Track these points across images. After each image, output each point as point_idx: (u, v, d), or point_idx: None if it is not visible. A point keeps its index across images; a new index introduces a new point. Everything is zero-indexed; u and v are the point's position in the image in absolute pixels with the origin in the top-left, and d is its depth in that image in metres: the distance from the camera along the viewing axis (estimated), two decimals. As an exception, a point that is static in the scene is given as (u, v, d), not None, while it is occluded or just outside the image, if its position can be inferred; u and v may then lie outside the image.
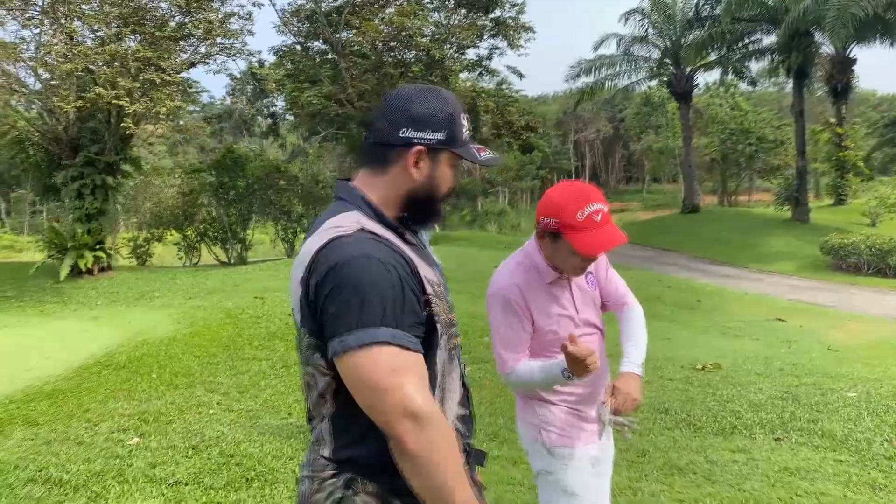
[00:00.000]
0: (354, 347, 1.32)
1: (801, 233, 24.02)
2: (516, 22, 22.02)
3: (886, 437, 5.45)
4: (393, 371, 1.32)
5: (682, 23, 27.90)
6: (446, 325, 1.51)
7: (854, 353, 10.75)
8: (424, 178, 1.53)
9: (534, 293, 2.22)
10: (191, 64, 18.69)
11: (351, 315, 1.33)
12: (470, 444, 1.59)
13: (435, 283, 1.49)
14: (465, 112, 1.59)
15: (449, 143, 1.53)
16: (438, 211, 1.59)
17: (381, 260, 1.37)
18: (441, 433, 1.33)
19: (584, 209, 2.08)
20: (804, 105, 26.22)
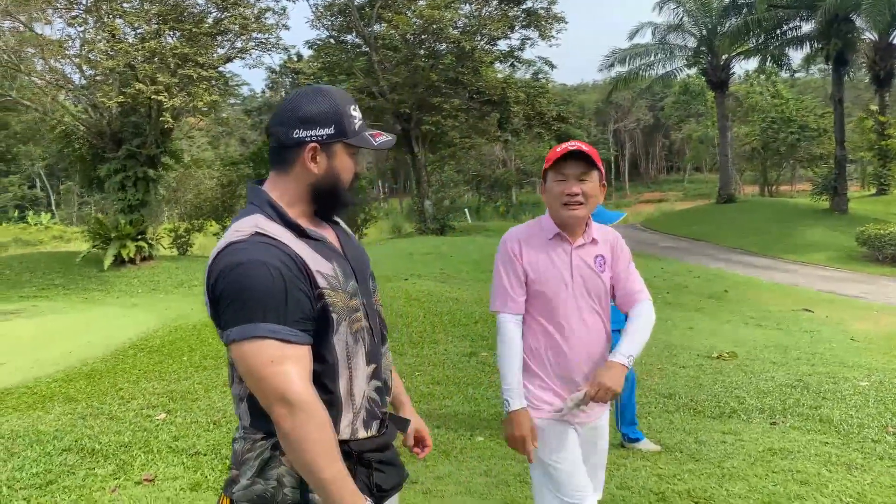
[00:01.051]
0: (238, 340, 1.50)
1: (839, 223, 23.62)
2: (548, 12, 22.03)
3: (883, 423, 5.56)
4: (271, 362, 1.48)
5: (719, 10, 27.51)
6: (346, 312, 1.63)
7: (877, 344, 10.71)
8: (324, 172, 1.66)
9: (532, 248, 2.36)
10: (227, 59, 19.21)
11: (237, 312, 1.51)
12: (384, 412, 1.75)
13: (330, 276, 1.61)
14: (354, 104, 1.71)
15: (339, 136, 1.65)
16: (344, 199, 1.72)
17: (266, 263, 1.51)
18: (311, 417, 1.48)
19: (563, 144, 2.32)
20: (843, 93, 25.68)
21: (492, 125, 23.94)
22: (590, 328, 2.37)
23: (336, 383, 1.63)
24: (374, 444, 1.70)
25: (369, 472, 1.67)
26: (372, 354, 1.71)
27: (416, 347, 8.47)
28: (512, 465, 4.35)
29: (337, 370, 1.62)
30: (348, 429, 1.64)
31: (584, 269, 2.37)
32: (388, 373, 1.81)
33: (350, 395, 1.65)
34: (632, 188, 70.86)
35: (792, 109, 40.51)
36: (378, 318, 1.82)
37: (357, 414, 1.66)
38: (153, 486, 4.16)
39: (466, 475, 4.16)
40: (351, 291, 1.65)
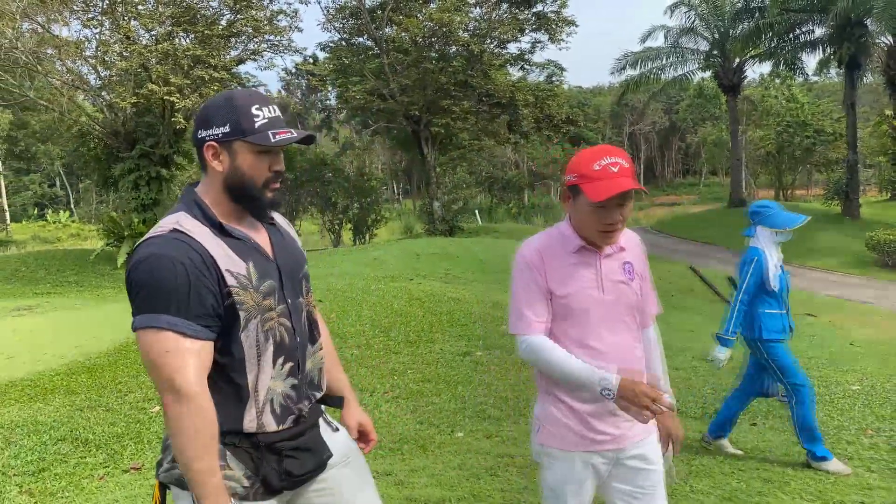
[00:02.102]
0: (137, 329, 1.59)
1: (850, 228, 23.49)
2: (558, 16, 22.13)
3: (863, 426, 5.62)
4: (166, 352, 1.56)
5: (731, 14, 27.45)
6: (257, 310, 1.68)
7: (875, 349, 10.72)
8: (228, 170, 1.70)
9: (553, 259, 2.13)
10: (240, 60, 19.51)
11: (141, 302, 1.59)
12: (300, 409, 1.80)
13: (241, 276, 1.66)
14: (261, 104, 1.71)
15: (235, 134, 1.68)
16: (258, 197, 1.73)
17: (173, 258, 1.58)
18: (194, 409, 1.55)
19: (601, 161, 2.03)
20: (856, 97, 25.53)
21: (501, 127, 24.07)
22: (625, 346, 2.15)
23: (243, 378, 1.68)
24: (284, 435, 1.75)
25: (279, 459, 1.73)
26: (289, 353, 1.75)
27: (412, 346, 8.61)
28: (486, 459, 4.48)
29: (244, 365, 1.67)
30: (253, 422, 1.69)
31: (615, 281, 2.15)
32: (316, 371, 1.87)
33: (256, 390, 1.69)
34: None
35: (807, 113, 40.25)
36: (307, 318, 1.86)
37: (262, 409, 1.70)
38: (139, 473, 4.33)
39: (440, 468, 4.29)
40: (265, 291, 1.70)
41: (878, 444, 4.93)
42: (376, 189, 26.36)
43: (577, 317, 2.10)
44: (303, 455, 1.78)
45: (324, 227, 26.28)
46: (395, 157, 50.56)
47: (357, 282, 13.69)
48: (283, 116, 1.80)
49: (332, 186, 25.22)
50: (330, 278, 14.42)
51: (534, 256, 2.14)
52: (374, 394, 6.45)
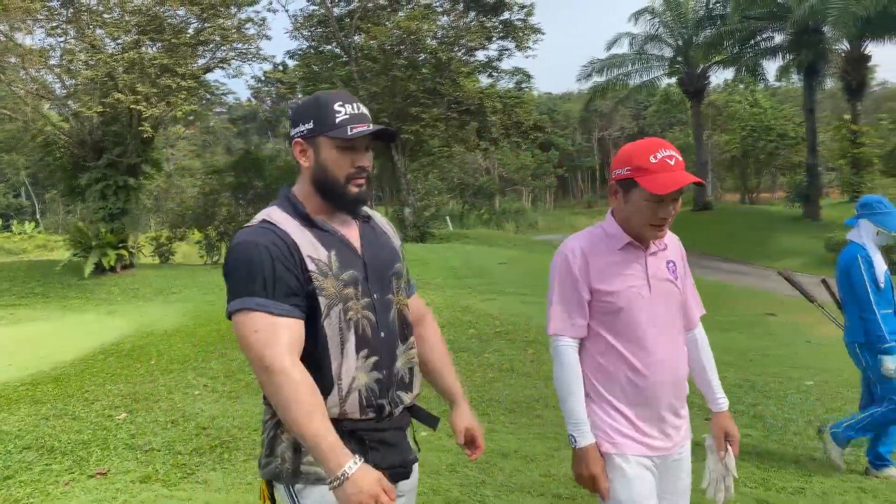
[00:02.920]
0: (231, 312, 1.70)
1: (811, 230, 24.09)
2: (524, 23, 22.43)
3: (810, 419, 5.86)
4: (255, 332, 1.64)
5: (694, 21, 28.05)
6: (338, 298, 1.73)
7: (832, 346, 11.00)
8: (313, 165, 1.80)
9: (598, 258, 2.09)
10: (207, 69, 19.46)
11: (232, 287, 1.71)
12: (381, 404, 1.79)
13: (322, 262, 1.73)
14: (344, 101, 1.78)
15: (318, 129, 1.77)
16: (341, 192, 1.80)
17: (258, 243, 1.68)
18: (288, 380, 1.60)
19: (657, 153, 2.01)
20: (815, 102, 26.24)
21: (471, 134, 24.29)
22: (672, 346, 2.12)
23: (326, 364, 1.73)
24: (368, 426, 1.77)
25: (363, 448, 1.73)
26: (373, 347, 1.78)
27: (380, 351, 8.73)
28: (447, 456, 4.61)
29: (328, 352, 1.73)
30: (336, 408, 1.72)
31: (661, 279, 2.12)
32: (406, 371, 1.88)
33: (339, 378, 1.73)
34: (617, 196, 71.40)
35: (770, 118, 41.16)
36: (397, 316, 1.87)
37: (346, 397, 1.73)
38: (105, 479, 4.39)
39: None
40: (346, 279, 1.76)
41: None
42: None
43: (624, 316, 2.06)
44: (386, 449, 1.80)
45: (294, 235, 26.22)
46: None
47: (327, 288, 13.77)
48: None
49: (303, 194, 25.19)
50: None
51: (576, 255, 2.10)
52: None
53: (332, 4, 22.04)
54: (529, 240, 28.99)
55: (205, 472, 4.46)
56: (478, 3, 21.72)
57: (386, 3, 22.46)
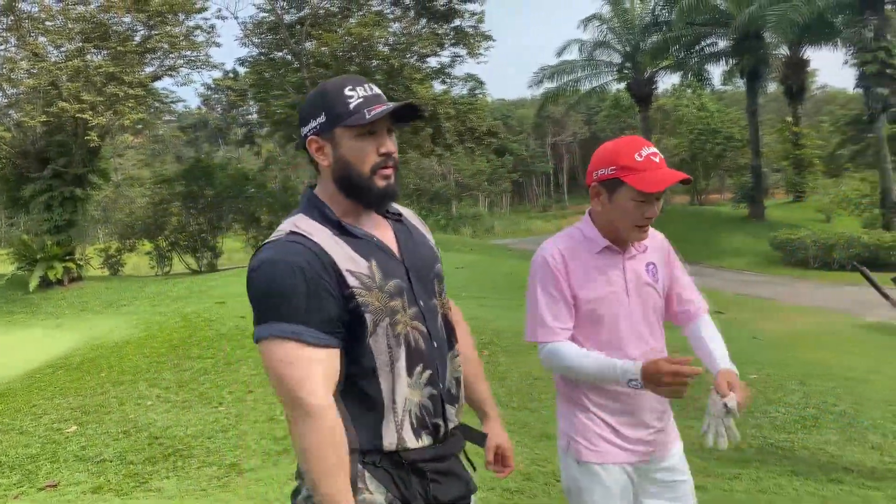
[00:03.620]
0: (260, 339, 1.49)
1: (757, 229, 24.83)
2: (476, 30, 22.67)
3: (751, 410, 6.09)
4: (289, 364, 1.44)
5: (641, 27, 28.72)
6: (384, 312, 1.54)
7: (776, 341, 11.43)
8: (333, 162, 1.60)
9: (577, 261, 2.03)
10: (155, 77, 19.18)
11: (261, 311, 1.50)
12: (436, 423, 1.63)
13: (363, 275, 1.54)
14: (354, 84, 1.60)
15: (332, 121, 1.58)
16: (367, 186, 1.60)
17: (289, 263, 1.48)
18: (319, 426, 1.42)
19: (642, 151, 1.96)
20: (757, 105, 27.10)
21: (425, 140, 24.40)
22: (653, 352, 2.05)
23: (376, 388, 1.55)
24: (427, 454, 1.60)
25: (424, 483, 1.58)
26: (427, 360, 1.62)
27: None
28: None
29: (377, 374, 1.56)
30: (394, 438, 1.55)
31: (640, 283, 2.07)
32: (453, 381, 1.71)
33: (393, 402, 1.56)
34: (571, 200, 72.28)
35: (717, 121, 42.29)
36: (443, 321, 1.72)
37: (402, 422, 1.57)
38: (55, 491, 4.34)
39: (357, 468, 4.48)
40: (391, 290, 1.58)
41: (761, 424, 5.38)
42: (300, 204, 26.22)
43: (604, 323, 2.01)
44: (447, 480, 1.63)
45: (248, 244, 25.92)
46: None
47: (282, 296, 13.69)
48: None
49: (256, 202, 24.95)
50: (246, 297, 14.35)
51: (556, 259, 2.03)
52: (277, 405, 6.55)
53: (282, 11, 21.95)
54: (486, 244, 29.21)
55: (158, 481, 4.45)
56: (429, 10, 21.88)
57: (337, 10, 22.45)
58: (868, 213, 24.13)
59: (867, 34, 20.35)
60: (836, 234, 20.39)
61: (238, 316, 11.53)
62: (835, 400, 7.16)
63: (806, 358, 9.95)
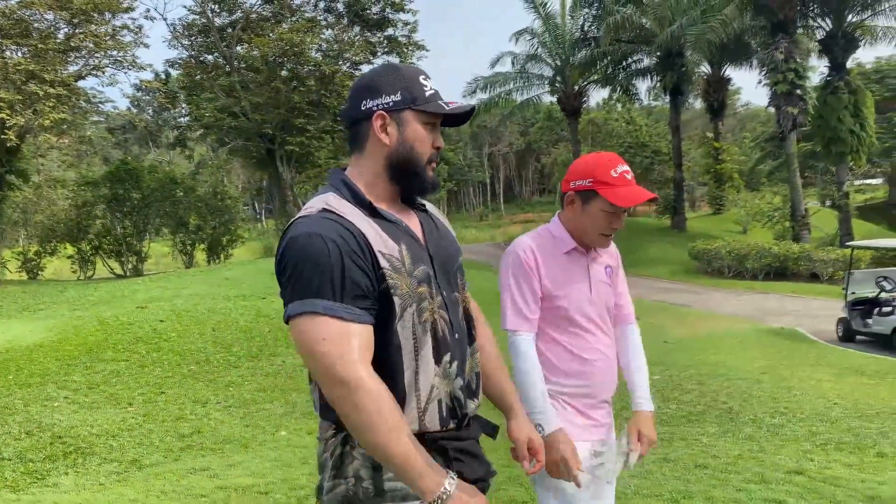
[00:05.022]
0: (292, 316, 1.44)
1: (678, 240, 25.82)
2: (409, 39, 22.95)
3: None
4: (323, 340, 1.41)
5: (571, 42, 29.51)
6: (412, 298, 1.53)
7: (685, 345, 12.03)
8: (396, 142, 1.56)
9: (547, 258, 2.17)
10: (79, 76, 18.75)
11: (292, 287, 1.45)
12: (466, 413, 1.62)
13: (394, 258, 1.52)
14: (425, 75, 1.61)
15: (408, 102, 1.56)
16: (421, 173, 1.59)
17: (324, 237, 1.44)
18: (369, 395, 1.40)
19: (617, 168, 2.12)
20: (679, 121, 28.23)
21: (357, 146, 24.52)
22: (609, 343, 2.26)
23: (400, 373, 1.53)
24: (451, 434, 1.59)
25: (447, 461, 1.57)
26: (453, 350, 1.61)
27: (254, 360, 8.80)
28: (302, 451, 4.84)
29: (401, 360, 1.53)
30: (415, 423, 1.53)
31: (601, 282, 2.24)
32: (474, 376, 1.70)
33: (415, 388, 1.54)
34: (507, 209, 73.29)
35: (645, 135, 43.69)
36: (465, 313, 1.71)
37: (425, 409, 1.55)
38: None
39: (256, 462, 4.61)
40: (419, 277, 1.56)
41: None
42: (231, 208, 25.93)
43: (570, 314, 2.16)
44: (470, 460, 1.63)
45: (175, 248, 25.47)
46: (255, 175, 49.71)
47: (205, 301, 13.59)
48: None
49: (184, 206, 24.56)
50: (177, 300, 14.20)
51: (528, 254, 2.17)
52: (207, 405, 6.62)
53: (213, 14, 21.75)
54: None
55: (56, 477, 4.48)
56: (362, 18, 22.06)
57: (270, 15, 22.39)
58: (780, 225, 25.42)
59: (778, 56, 21.49)
60: (748, 245, 21.42)
61: (157, 320, 11.44)
62: (725, 398, 7.66)
63: (708, 360, 10.53)
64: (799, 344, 12.32)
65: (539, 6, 29.52)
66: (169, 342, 9.71)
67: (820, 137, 23.97)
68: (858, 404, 7.42)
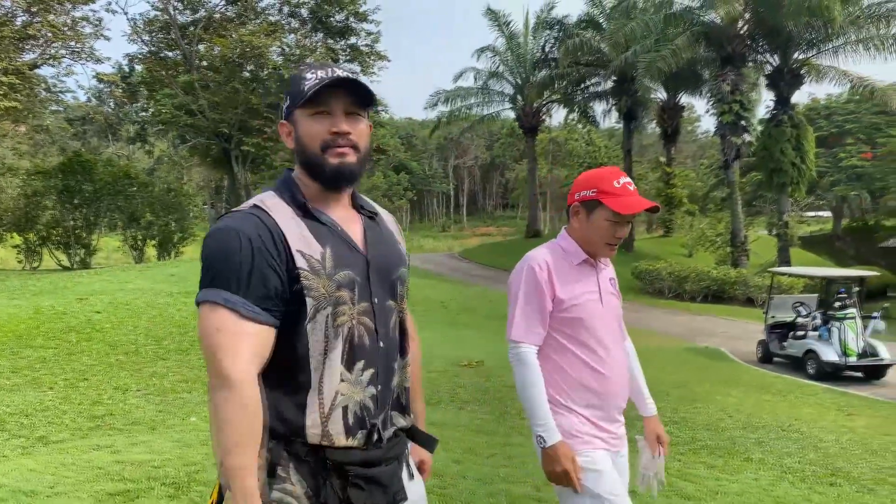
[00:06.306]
0: (198, 303, 1.48)
1: (624, 259, 26.49)
2: (371, 49, 23.31)
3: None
4: (217, 331, 1.43)
5: (531, 62, 30.23)
6: (327, 300, 1.52)
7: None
8: (295, 143, 1.61)
9: (560, 270, 2.23)
10: (34, 65, 18.67)
11: (204, 275, 1.49)
12: (374, 424, 1.58)
13: (314, 259, 1.52)
14: (318, 68, 1.59)
15: (294, 103, 1.59)
16: (320, 163, 1.58)
17: (240, 232, 1.47)
18: (236, 397, 1.40)
19: (619, 179, 2.21)
20: (632, 144, 29.06)
21: (316, 151, 24.74)
22: (620, 352, 2.33)
23: (305, 375, 1.52)
24: (354, 457, 1.54)
25: (343, 485, 1.53)
26: (370, 358, 1.59)
27: (183, 353, 9.00)
28: (204, 434, 5.10)
29: (308, 361, 1.52)
30: (317, 429, 1.51)
31: (610, 293, 2.32)
32: (402, 390, 1.69)
33: (319, 392, 1.52)
34: (470, 222, 73.91)
35: (604, 156, 44.61)
36: (397, 325, 1.69)
37: (329, 415, 1.52)
38: None
39: (160, 442, 4.85)
40: (341, 281, 1.55)
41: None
42: (185, 206, 25.87)
43: (583, 324, 2.21)
44: (371, 487, 1.57)
45: (126, 243, 25.31)
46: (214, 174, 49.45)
47: (145, 296, 13.66)
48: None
49: (138, 201, 24.45)
50: (119, 293, 14.23)
51: (542, 268, 2.22)
52: (127, 392, 6.82)
53: (176, 11, 21.84)
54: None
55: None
56: (325, 25, 22.35)
57: (234, 16, 22.56)
58: (722, 250, 26.30)
59: (725, 87, 22.37)
60: (689, 268, 22.19)
61: (93, 311, 11.52)
62: (630, 406, 8.11)
63: (629, 374, 11.01)
64: (719, 363, 12.91)
65: (503, 25, 30.19)
66: (101, 333, 9.84)
67: (764, 168, 24.92)
68: (751, 418, 7.93)
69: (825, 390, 10.51)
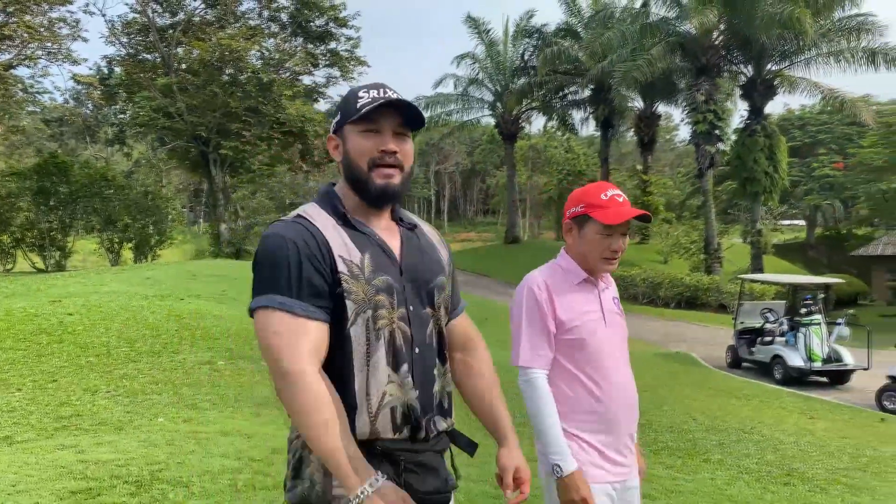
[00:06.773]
0: (252, 310, 1.56)
1: (600, 266, 26.77)
2: (351, 54, 23.40)
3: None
4: (274, 333, 1.51)
5: (510, 70, 30.50)
6: (366, 304, 1.59)
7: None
8: (342, 157, 1.69)
9: (559, 291, 2.19)
10: (9, 66, 18.55)
11: (256, 283, 1.58)
12: (421, 423, 1.63)
13: (353, 264, 1.60)
14: (371, 88, 1.68)
15: (345, 119, 1.67)
16: (365, 180, 1.66)
17: (286, 238, 1.57)
18: (305, 389, 1.47)
19: (607, 192, 2.19)
20: (608, 152, 29.37)
21: (295, 156, 24.75)
22: (626, 373, 2.25)
23: (351, 377, 1.60)
24: (404, 445, 1.62)
25: (397, 471, 1.60)
26: (412, 362, 1.65)
27: (155, 356, 8.98)
28: (172, 435, 5.15)
29: (352, 364, 1.60)
30: (366, 427, 1.58)
31: (613, 313, 2.27)
32: (445, 395, 1.74)
33: (367, 393, 1.59)
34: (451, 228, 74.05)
35: (583, 164, 45.01)
36: (434, 332, 1.73)
37: (376, 414, 1.58)
38: None
39: (126, 442, 4.90)
40: (379, 285, 1.63)
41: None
42: (161, 209, 25.76)
43: (586, 346, 2.16)
44: (424, 472, 1.65)
45: (102, 246, 25.13)
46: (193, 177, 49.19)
47: (119, 299, 13.59)
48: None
49: (115, 204, 24.31)
50: (93, 296, 14.15)
51: (542, 288, 2.19)
52: (96, 393, 6.82)
53: (154, 14, 21.81)
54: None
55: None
56: (305, 30, 22.42)
57: (213, 20, 22.55)
58: (695, 257, 26.65)
59: (699, 97, 22.74)
60: (663, 275, 22.48)
61: (66, 313, 11.45)
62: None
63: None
64: (689, 367, 13.13)
65: (483, 33, 30.44)
66: (73, 335, 9.79)
67: (737, 177, 25.32)
68: (715, 420, 8.11)
69: (789, 394, 10.74)
